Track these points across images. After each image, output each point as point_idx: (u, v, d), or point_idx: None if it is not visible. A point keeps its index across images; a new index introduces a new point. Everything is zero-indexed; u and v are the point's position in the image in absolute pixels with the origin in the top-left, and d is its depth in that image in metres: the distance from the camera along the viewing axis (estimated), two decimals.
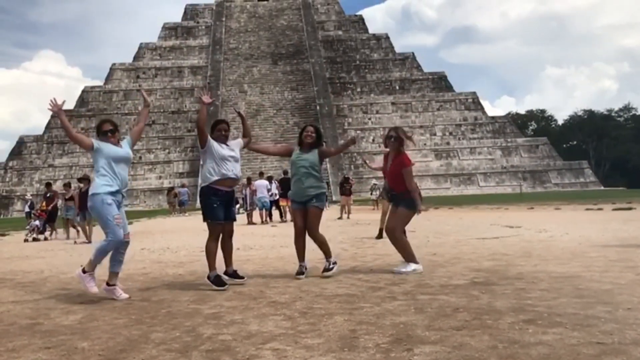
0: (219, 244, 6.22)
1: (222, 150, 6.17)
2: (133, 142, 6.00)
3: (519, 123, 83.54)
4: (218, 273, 6.02)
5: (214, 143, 6.19)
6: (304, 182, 6.55)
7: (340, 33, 68.05)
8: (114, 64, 63.66)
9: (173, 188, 36.77)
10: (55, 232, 16.92)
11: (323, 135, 7.28)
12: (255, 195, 20.69)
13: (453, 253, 8.25)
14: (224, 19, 69.25)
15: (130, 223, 12.51)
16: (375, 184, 30.33)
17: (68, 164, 53.61)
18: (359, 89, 60.82)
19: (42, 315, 4.86)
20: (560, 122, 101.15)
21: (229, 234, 6.32)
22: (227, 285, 5.87)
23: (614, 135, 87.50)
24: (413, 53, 65.47)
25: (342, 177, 31.03)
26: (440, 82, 62.31)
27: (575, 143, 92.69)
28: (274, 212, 21.87)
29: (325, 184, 8.90)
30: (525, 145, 57.32)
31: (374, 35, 67.91)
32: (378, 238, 11.04)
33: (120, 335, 4.02)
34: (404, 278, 6.12)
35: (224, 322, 4.33)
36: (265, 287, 5.89)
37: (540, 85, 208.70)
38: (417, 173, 32.73)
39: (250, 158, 46.90)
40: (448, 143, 56.30)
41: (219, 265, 6.13)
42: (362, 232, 13.41)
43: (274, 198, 21.08)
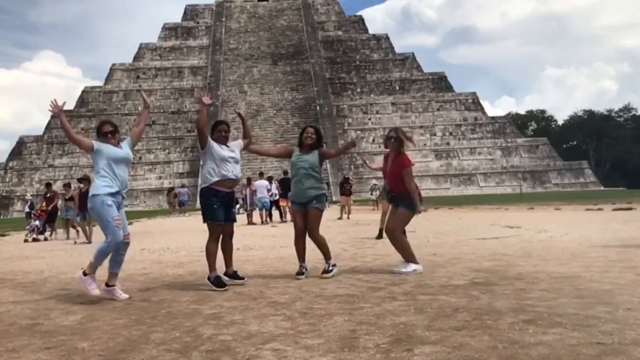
0: (219, 245, 6.22)
1: (222, 152, 6.18)
2: (133, 143, 6.01)
3: (519, 123, 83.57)
4: (218, 274, 6.02)
5: (214, 144, 6.19)
6: (304, 183, 6.55)
7: (340, 33, 68.06)
8: (114, 64, 63.68)
9: (173, 188, 36.79)
10: (55, 232, 16.92)
11: (323, 137, 7.29)
12: (255, 196, 20.69)
13: (453, 253, 8.25)
14: (224, 20, 69.26)
15: (130, 223, 12.52)
16: (375, 184, 30.33)
17: (68, 164, 53.61)
18: (359, 89, 60.82)
19: (42, 316, 4.86)
20: (560, 122, 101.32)
21: (229, 235, 6.32)
22: (227, 286, 5.88)
23: (614, 136, 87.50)
24: (413, 53, 65.52)
25: (342, 177, 31.03)
26: (440, 82, 62.32)
27: (575, 143, 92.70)
28: (274, 212, 21.87)
29: (326, 185, 8.91)
30: (525, 146, 57.33)
31: (374, 36, 67.91)
32: (378, 238, 11.05)
33: (120, 336, 4.02)
34: (404, 278, 6.12)
35: (224, 322, 4.34)
36: (265, 287, 5.90)
37: (540, 86, 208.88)
38: (417, 173, 32.70)
39: (250, 158, 46.90)
40: (448, 143, 56.30)
41: (219, 266, 6.14)
42: (362, 232, 13.41)
43: (274, 198, 21.08)
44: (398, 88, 61.14)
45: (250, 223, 19.80)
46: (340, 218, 20.87)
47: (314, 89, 59.14)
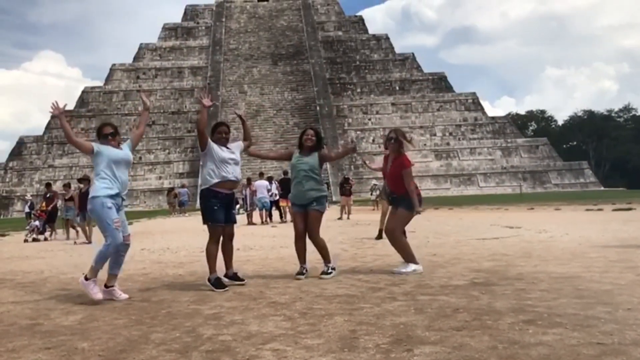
0: (219, 247, 6.22)
1: (222, 153, 6.17)
2: (133, 145, 6.02)
3: (519, 123, 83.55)
4: (218, 275, 6.02)
5: (214, 146, 6.19)
6: (304, 185, 6.55)
7: (340, 33, 68.06)
8: (114, 65, 63.67)
9: (173, 188, 36.81)
10: (55, 232, 16.92)
11: (323, 138, 7.29)
12: (255, 196, 20.70)
13: (453, 253, 8.25)
14: (224, 20, 69.25)
15: (130, 223, 12.51)
16: (375, 185, 30.33)
17: (68, 165, 53.61)
18: (359, 90, 60.82)
19: (42, 316, 4.86)
20: (560, 122, 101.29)
21: (229, 237, 6.31)
22: (227, 288, 5.88)
23: (614, 136, 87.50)
24: (413, 54, 65.51)
25: (342, 177, 31.03)
26: (440, 82, 62.31)
27: (575, 143, 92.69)
28: (274, 212, 21.88)
29: (326, 187, 8.91)
30: (525, 146, 57.32)
31: (374, 36, 67.91)
32: (378, 239, 11.04)
33: (120, 336, 4.02)
34: (404, 278, 6.12)
35: (224, 322, 4.34)
36: (265, 287, 5.90)
37: (540, 86, 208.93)
38: (417, 173, 32.69)
39: (250, 159, 46.81)
40: (448, 143, 56.30)
41: (219, 268, 6.14)
42: (362, 232, 13.42)
43: (274, 198, 21.09)
44: (398, 88, 61.13)
45: (250, 223, 19.80)
46: (340, 218, 20.87)
47: (314, 89, 59.13)
